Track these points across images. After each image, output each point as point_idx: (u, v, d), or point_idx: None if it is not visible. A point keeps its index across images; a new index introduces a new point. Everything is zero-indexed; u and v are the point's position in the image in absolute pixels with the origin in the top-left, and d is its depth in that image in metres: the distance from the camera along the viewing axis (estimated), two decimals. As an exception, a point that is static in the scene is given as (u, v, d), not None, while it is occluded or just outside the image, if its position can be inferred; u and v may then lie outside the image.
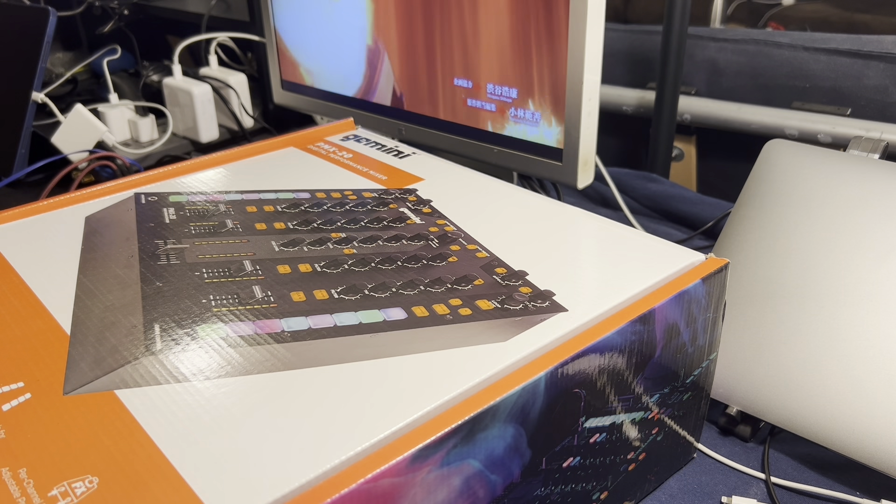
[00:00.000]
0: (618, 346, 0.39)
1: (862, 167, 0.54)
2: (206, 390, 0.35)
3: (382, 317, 0.40)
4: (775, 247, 0.54)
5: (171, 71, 1.06)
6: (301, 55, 0.91)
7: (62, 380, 0.36)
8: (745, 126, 0.98)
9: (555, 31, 0.64)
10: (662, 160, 1.00)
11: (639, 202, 0.91)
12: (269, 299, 0.42)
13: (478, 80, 0.72)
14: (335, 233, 0.50)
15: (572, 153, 0.67)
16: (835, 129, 0.90)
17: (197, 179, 0.59)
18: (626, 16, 1.42)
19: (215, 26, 1.18)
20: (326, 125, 0.70)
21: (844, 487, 0.49)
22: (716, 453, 0.52)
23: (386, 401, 0.34)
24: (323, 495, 0.29)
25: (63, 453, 0.32)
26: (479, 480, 0.35)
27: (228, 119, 1.10)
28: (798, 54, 0.96)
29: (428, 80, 0.77)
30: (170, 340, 0.39)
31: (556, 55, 0.65)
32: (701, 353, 0.47)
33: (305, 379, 0.35)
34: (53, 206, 0.55)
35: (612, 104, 1.10)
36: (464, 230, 0.50)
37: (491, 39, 0.69)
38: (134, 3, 1.34)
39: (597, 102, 0.65)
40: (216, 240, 0.49)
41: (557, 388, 0.37)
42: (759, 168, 0.59)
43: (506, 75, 0.69)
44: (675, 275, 0.44)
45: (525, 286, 0.43)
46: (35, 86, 0.93)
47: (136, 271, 0.45)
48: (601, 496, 0.44)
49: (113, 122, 1.03)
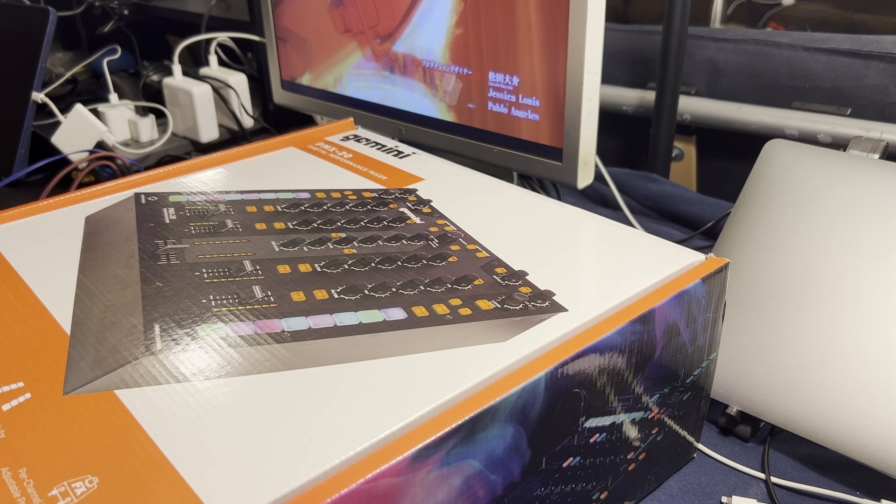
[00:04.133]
0: (618, 346, 0.39)
1: (862, 167, 0.54)
2: (206, 390, 0.35)
3: (382, 317, 0.40)
4: (775, 247, 0.54)
5: (171, 71, 1.06)
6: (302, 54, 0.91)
7: (62, 380, 0.36)
8: (745, 126, 0.98)
9: (555, 31, 0.64)
10: (662, 160, 1.00)
11: (639, 202, 0.91)
12: (269, 299, 0.42)
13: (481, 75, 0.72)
14: (335, 233, 0.50)
15: (572, 153, 0.67)
16: (835, 129, 0.90)
17: (197, 179, 0.59)
18: (626, 16, 1.42)
19: (215, 26, 1.18)
20: (326, 125, 0.70)
21: (844, 487, 0.49)
22: (716, 453, 0.52)
23: (386, 401, 0.34)
24: (323, 495, 0.29)
25: (63, 453, 0.32)
26: (479, 480, 0.35)
27: (228, 119, 1.10)
28: (798, 54, 0.96)
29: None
30: (170, 340, 0.39)
31: (556, 55, 0.65)
32: (701, 353, 0.47)
33: (305, 379, 0.35)
34: (53, 206, 0.55)
35: (612, 104, 1.10)
36: (464, 230, 0.50)
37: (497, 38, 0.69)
38: (134, 3, 1.34)
39: (597, 102, 0.65)
40: (216, 240, 0.49)
41: (557, 388, 0.37)
42: (759, 168, 0.58)
43: (506, 73, 0.69)
44: (675, 275, 0.44)
45: (525, 286, 0.43)
46: (35, 86, 0.93)
47: (136, 271, 0.45)
48: (601, 496, 0.44)
49: (113, 122, 1.03)
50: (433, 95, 0.77)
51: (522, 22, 0.66)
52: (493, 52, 0.70)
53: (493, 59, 0.70)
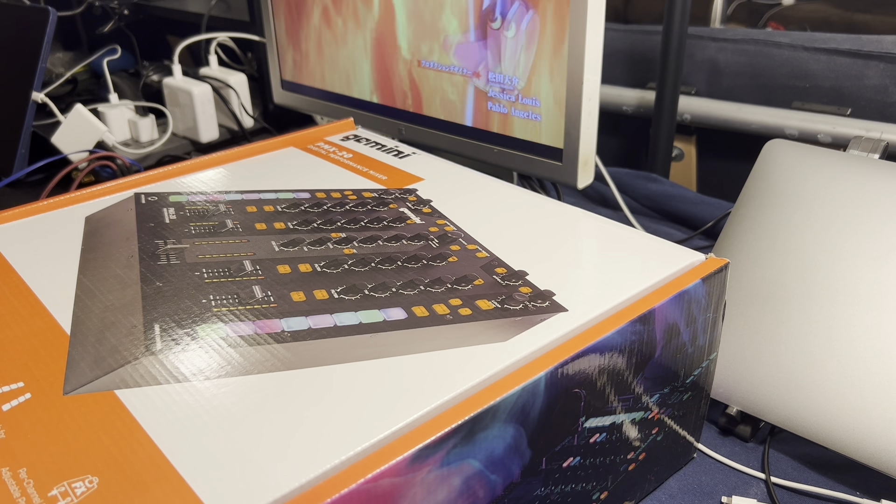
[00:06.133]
0: (618, 346, 0.39)
1: (862, 167, 0.54)
2: (206, 390, 0.35)
3: (382, 317, 0.40)
4: (775, 247, 0.54)
5: (171, 71, 1.06)
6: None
7: (62, 380, 0.36)
8: (745, 126, 0.98)
9: (555, 31, 0.64)
10: (662, 160, 1.00)
11: (639, 202, 0.91)
12: (269, 299, 0.42)
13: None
14: (335, 233, 0.50)
15: (572, 153, 0.67)
16: (835, 129, 0.90)
17: (197, 179, 0.59)
18: (626, 16, 1.42)
19: (215, 26, 1.18)
20: (326, 125, 0.70)
21: (844, 487, 0.49)
22: (716, 453, 0.52)
23: (386, 401, 0.34)
24: (323, 495, 0.29)
25: (63, 453, 0.32)
26: (479, 480, 0.35)
27: (228, 119, 1.10)
28: (798, 54, 0.96)
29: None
30: (170, 340, 0.39)
31: (556, 55, 0.65)
32: (701, 353, 0.47)
33: (305, 379, 0.35)
34: (53, 206, 0.55)
35: (612, 104, 1.10)
36: (464, 230, 0.50)
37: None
38: (134, 3, 1.34)
39: (597, 102, 0.65)
40: (216, 240, 0.49)
41: (557, 388, 0.37)
42: (759, 168, 0.59)
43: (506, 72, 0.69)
44: (675, 275, 0.44)
45: (525, 286, 0.43)
46: (35, 86, 0.93)
47: (136, 271, 0.45)
48: (601, 496, 0.44)
49: (113, 122, 1.03)
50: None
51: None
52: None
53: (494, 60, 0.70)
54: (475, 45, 0.71)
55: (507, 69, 0.69)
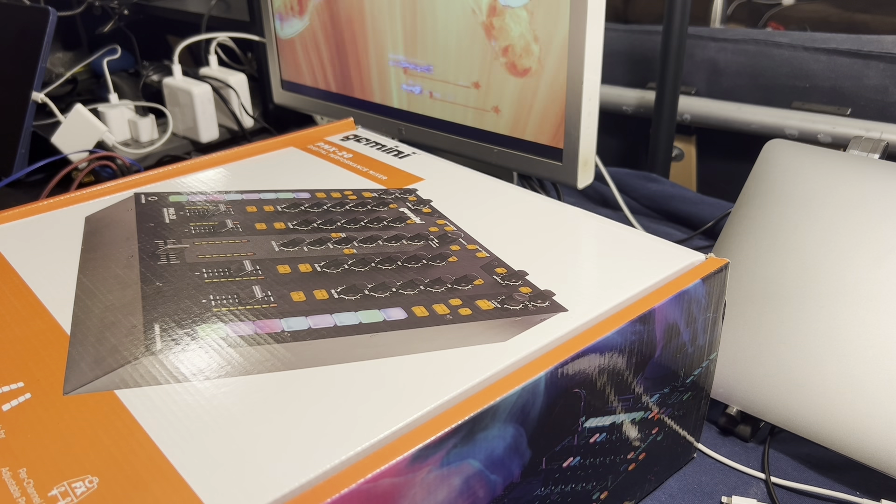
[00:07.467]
0: (618, 346, 0.39)
1: (862, 167, 0.54)
2: (206, 390, 0.35)
3: (382, 317, 0.40)
4: (775, 247, 0.54)
5: (171, 71, 1.06)
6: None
7: (62, 380, 0.36)
8: (745, 126, 0.98)
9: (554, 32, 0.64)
10: (662, 160, 1.00)
11: (639, 202, 0.91)
12: (269, 299, 0.42)
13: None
14: (335, 233, 0.50)
15: (572, 153, 0.67)
16: (835, 129, 0.90)
17: (197, 179, 0.59)
18: (626, 16, 1.42)
19: (215, 26, 1.18)
20: (326, 125, 0.70)
21: (844, 487, 0.49)
22: (716, 453, 0.52)
23: (386, 401, 0.34)
24: (323, 495, 0.29)
25: (63, 453, 0.32)
26: (479, 480, 0.35)
27: (228, 119, 1.10)
28: (798, 54, 0.96)
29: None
30: (170, 340, 0.39)
31: (555, 55, 0.65)
32: (701, 353, 0.47)
33: (305, 379, 0.35)
34: (53, 206, 0.55)
35: (612, 104, 1.10)
36: (464, 230, 0.50)
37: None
38: (134, 3, 1.34)
39: (597, 102, 0.65)
40: (216, 240, 0.49)
41: (557, 388, 0.37)
42: (759, 168, 0.59)
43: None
44: (675, 275, 0.44)
45: (525, 286, 0.43)
46: (35, 86, 0.93)
47: (136, 271, 0.45)
48: (601, 496, 0.44)
49: (113, 122, 1.03)
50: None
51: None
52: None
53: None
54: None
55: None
